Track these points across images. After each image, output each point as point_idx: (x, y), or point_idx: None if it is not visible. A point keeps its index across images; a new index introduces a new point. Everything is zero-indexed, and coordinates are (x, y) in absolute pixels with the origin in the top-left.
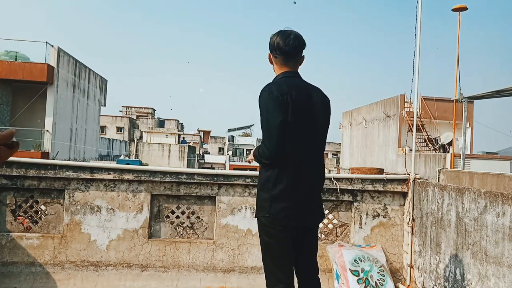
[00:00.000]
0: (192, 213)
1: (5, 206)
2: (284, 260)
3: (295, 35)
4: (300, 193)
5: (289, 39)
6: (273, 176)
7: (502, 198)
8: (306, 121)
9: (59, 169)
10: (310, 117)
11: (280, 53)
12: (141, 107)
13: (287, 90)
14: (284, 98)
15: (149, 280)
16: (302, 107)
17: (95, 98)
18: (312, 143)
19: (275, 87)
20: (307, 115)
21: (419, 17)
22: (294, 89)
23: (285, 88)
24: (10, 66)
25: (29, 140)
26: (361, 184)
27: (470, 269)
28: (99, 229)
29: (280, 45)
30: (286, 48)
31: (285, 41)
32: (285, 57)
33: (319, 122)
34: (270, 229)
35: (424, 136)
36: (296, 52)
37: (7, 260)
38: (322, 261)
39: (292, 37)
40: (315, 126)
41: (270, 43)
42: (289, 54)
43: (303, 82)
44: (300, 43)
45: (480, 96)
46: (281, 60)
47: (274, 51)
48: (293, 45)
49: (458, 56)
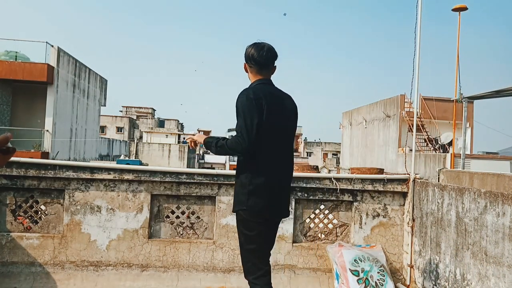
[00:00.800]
0: (192, 213)
1: (5, 206)
2: (263, 250)
3: (268, 47)
4: (274, 189)
5: (262, 51)
6: (250, 173)
7: (502, 198)
8: (279, 123)
9: (59, 169)
10: (282, 120)
11: (255, 63)
12: (141, 107)
13: (262, 95)
14: (260, 101)
15: (149, 280)
16: (275, 110)
17: (95, 98)
18: (285, 143)
19: (252, 92)
20: (279, 118)
21: (419, 17)
22: (268, 95)
23: (260, 93)
24: (10, 66)
25: (29, 140)
26: (361, 184)
27: (470, 269)
28: (99, 229)
29: (254, 56)
30: (260, 59)
31: (259, 52)
32: (259, 67)
33: (289, 124)
34: (250, 222)
35: (424, 136)
36: (269, 62)
37: (7, 260)
38: (322, 261)
39: (265, 49)
40: (286, 128)
41: (245, 54)
42: (263, 64)
43: (276, 89)
44: (273, 55)
45: (480, 96)
46: (255, 70)
47: (249, 61)
48: (266, 56)
49: (458, 56)
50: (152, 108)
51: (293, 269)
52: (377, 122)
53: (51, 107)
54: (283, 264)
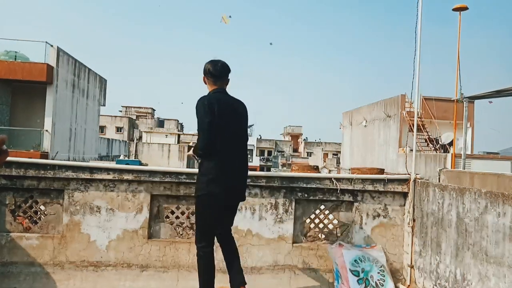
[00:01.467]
0: (192, 213)
1: (5, 206)
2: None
3: (222, 63)
4: (228, 178)
5: (217, 66)
6: (210, 164)
7: (502, 198)
8: (230, 124)
9: (58, 169)
10: (233, 121)
11: (211, 76)
12: (141, 107)
13: (215, 101)
14: (212, 106)
15: (149, 280)
16: (226, 112)
17: (95, 98)
18: (237, 140)
19: (207, 98)
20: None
21: (420, 17)
22: (220, 100)
23: (213, 99)
24: (9, 66)
25: (29, 140)
26: (361, 184)
27: (471, 269)
28: (98, 229)
29: (210, 70)
30: (215, 72)
31: (214, 67)
32: (215, 79)
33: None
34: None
35: (425, 136)
36: (223, 75)
37: (6, 260)
38: (322, 261)
39: (219, 65)
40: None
41: (204, 69)
42: (217, 76)
43: (228, 96)
44: (225, 69)
45: (480, 96)
46: (212, 81)
47: (206, 75)
48: (221, 70)
49: (459, 56)
50: (152, 108)
51: (293, 269)
52: (377, 122)
53: (50, 107)
54: (283, 264)
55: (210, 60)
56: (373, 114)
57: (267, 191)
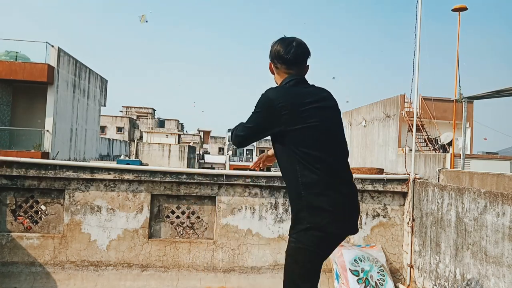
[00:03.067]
0: (192, 213)
1: (5, 206)
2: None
3: (298, 42)
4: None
5: (290, 46)
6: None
7: (502, 198)
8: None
9: (59, 169)
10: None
11: (282, 62)
12: (141, 107)
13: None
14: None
15: (149, 280)
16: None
17: (95, 98)
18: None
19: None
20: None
21: (419, 17)
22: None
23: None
24: (10, 66)
25: (29, 140)
26: (361, 184)
27: (470, 269)
28: (99, 229)
29: (280, 53)
30: (287, 56)
31: (286, 48)
32: (287, 66)
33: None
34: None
35: (424, 136)
36: (299, 60)
37: (7, 260)
38: None
39: (294, 45)
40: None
41: (270, 51)
42: (292, 62)
43: (310, 87)
44: (304, 51)
45: (480, 96)
46: (283, 70)
47: (275, 60)
48: (296, 52)
49: (458, 56)
50: (152, 108)
51: None
52: (377, 122)
53: (51, 107)
54: (283, 264)
55: (279, 38)
56: (373, 114)
57: (267, 191)
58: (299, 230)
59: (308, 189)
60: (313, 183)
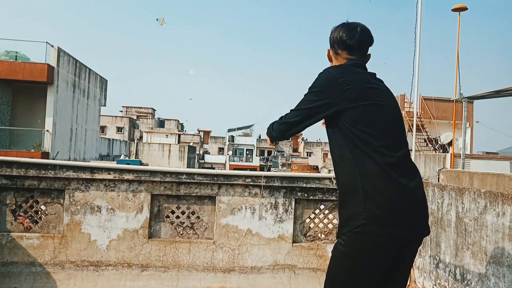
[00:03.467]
0: (192, 213)
1: (5, 206)
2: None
3: (362, 28)
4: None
5: (355, 31)
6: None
7: (502, 198)
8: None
9: (59, 169)
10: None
11: (344, 48)
12: (141, 107)
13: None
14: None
15: (149, 280)
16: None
17: (95, 98)
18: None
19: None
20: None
21: (419, 17)
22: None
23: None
24: (10, 66)
25: (29, 140)
26: None
27: (470, 269)
28: (99, 229)
29: (343, 39)
30: (351, 42)
31: (350, 33)
32: (350, 52)
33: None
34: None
35: (424, 136)
36: (363, 47)
37: (7, 260)
38: (322, 261)
39: (359, 30)
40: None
41: (331, 37)
42: (355, 49)
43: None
44: (368, 37)
45: (480, 96)
46: (344, 56)
47: (337, 46)
48: (360, 38)
49: (458, 56)
50: (152, 108)
51: (293, 269)
52: None
53: (51, 107)
54: (283, 264)
55: (342, 23)
56: None
57: (267, 191)
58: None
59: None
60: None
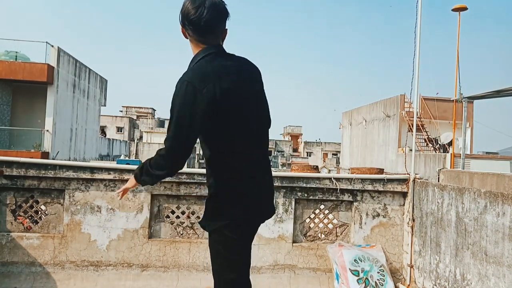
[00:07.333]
0: (192, 213)
1: (5, 206)
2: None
3: (212, 2)
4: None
5: (202, 8)
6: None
7: (502, 198)
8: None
9: (59, 169)
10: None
11: (193, 28)
12: (141, 107)
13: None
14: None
15: (149, 280)
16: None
17: (95, 98)
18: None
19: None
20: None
21: (419, 17)
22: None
23: (210, 76)
24: (10, 66)
25: (29, 140)
26: (361, 184)
27: (470, 269)
28: (99, 229)
29: (190, 16)
30: (197, 20)
31: (196, 10)
32: (199, 32)
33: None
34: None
35: (424, 136)
36: (213, 26)
37: (7, 260)
38: (322, 261)
39: (206, 6)
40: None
41: (180, 12)
42: (203, 28)
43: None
44: (218, 13)
45: (480, 96)
46: (195, 36)
47: (185, 24)
48: (207, 17)
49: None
50: (152, 108)
51: (293, 269)
52: (377, 122)
53: (51, 107)
54: (283, 264)
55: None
56: (373, 114)
57: None
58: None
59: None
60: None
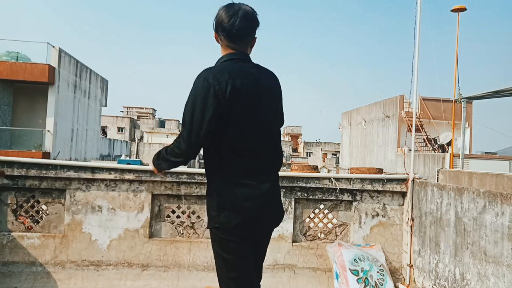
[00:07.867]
0: (192, 213)
1: (6, 206)
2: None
3: (244, 12)
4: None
5: (235, 17)
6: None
7: (501, 197)
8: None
9: (60, 169)
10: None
11: (225, 33)
12: (142, 107)
13: (228, 77)
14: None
15: (149, 279)
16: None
17: (96, 98)
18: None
19: (213, 74)
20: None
21: (418, 17)
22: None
23: (225, 75)
24: (11, 66)
25: (30, 140)
26: (360, 184)
27: (470, 268)
28: (100, 229)
29: (223, 24)
30: (230, 28)
31: (230, 19)
32: (230, 38)
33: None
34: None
35: (423, 136)
36: (243, 34)
37: (8, 259)
38: (322, 260)
39: (239, 15)
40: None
41: (215, 19)
42: (234, 35)
43: (251, 66)
44: (250, 23)
45: (479, 96)
46: (226, 41)
47: (218, 30)
48: (240, 26)
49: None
50: (153, 108)
51: (292, 268)
52: (376, 122)
53: (52, 108)
54: (282, 263)
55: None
56: (372, 115)
57: None
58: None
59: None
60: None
